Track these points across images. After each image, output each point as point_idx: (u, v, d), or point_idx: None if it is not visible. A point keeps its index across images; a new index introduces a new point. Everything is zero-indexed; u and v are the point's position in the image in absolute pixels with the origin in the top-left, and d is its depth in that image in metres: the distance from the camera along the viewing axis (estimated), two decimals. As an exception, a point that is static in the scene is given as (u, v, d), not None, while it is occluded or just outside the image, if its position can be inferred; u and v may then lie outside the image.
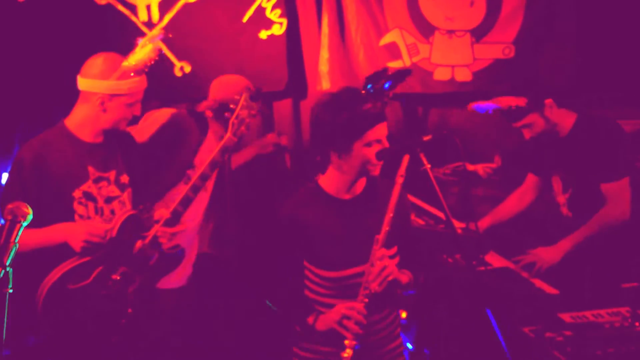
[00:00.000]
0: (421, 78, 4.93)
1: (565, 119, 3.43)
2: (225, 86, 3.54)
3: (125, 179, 2.90)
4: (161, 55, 2.83)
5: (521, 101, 3.33)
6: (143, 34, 4.35)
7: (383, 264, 2.34)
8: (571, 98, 4.14)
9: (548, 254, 3.36)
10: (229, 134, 2.94)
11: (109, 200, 2.85)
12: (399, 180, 2.33)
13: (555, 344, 2.62)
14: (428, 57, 4.92)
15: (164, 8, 4.42)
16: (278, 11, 4.62)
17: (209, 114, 3.49)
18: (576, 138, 3.40)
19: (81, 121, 2.80)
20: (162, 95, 4.25)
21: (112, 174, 2.86)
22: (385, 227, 2.33)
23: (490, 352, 2.82)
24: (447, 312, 3.18)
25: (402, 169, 2.33)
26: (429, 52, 4.91)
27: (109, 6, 4.32)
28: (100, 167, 2.83)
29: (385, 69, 2.69)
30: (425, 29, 4.88)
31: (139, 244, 2.82)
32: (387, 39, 4.85)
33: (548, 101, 3.37)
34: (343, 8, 4.76)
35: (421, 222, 3.65)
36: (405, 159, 2.34)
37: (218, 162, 2.95)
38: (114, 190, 2.87)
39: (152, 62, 2.79)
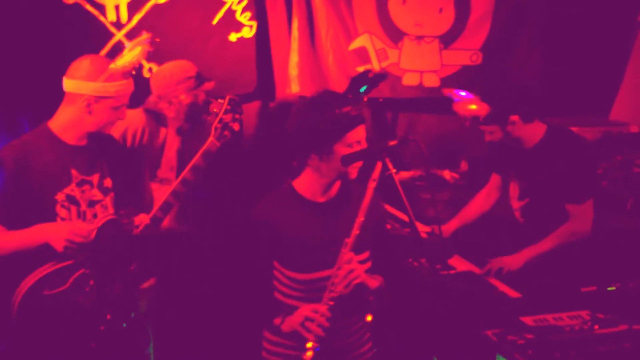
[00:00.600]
0: (390, 83, 4.97)
1: (532, 133, 3.39)
2: (166, 78, 3.42)
3: (108, 182, 2.85)
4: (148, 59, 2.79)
5: (483, 110, 3.32)
6: (111, 34, 4.38)
7: (350, 267, 2.35)
8: (537, 105, 4.20)
9: (509, 261, 3.39)
10: (211, 138, 2.93)
11: (91, 204, 2.79)
12: (371, 184, 2.34)
13: (517, 347, 2.65)
14: (397, 63, 4.97)
15: (133, 8, 4.38)
16: (248, 14, 4.62)
17: (169, 113, 3.43)
18: (542, 152, 3.39)
19: (65, 123, 2.74)
20: (130, 96, 4.21)
21: (95, 178, 2.81)
22: (355, 231, 2.34)
23: (451, 354, 2.87)
24: (411, 315, 3.20)
25: (375, 174, 2.33)
26: (397, 57, 4.96)
27: (76, 5, 4.26)
28: (84, 170, 2.77)
29: (368, 71, 2.70)
30: (395, 35, 4.93)
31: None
32: (356, 44, 4.89)
33: (513, 118, 3.32)
34: (313, 12, 4.78)
35: (387, 226, 3.67)
36: (378, 164, 2.35)
37: (200, 167, 2.92)
38: (96, 194, 2.81)
39: (138, 66, 2.76)
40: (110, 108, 2.72)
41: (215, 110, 2.99)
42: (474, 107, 3.32)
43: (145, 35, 2.81)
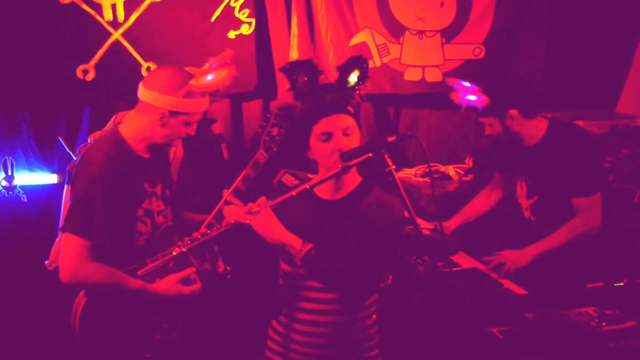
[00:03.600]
0: (392, 78, 4.92)
1: (533, 129, 3.35)
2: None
3: (167, 192, 2.82)
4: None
5: (483, 102, 3.28)
6: (108, 34, 4.35)
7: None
8: (541, 99, 4.15)
9: (516, 257, 3.34)
10: (260, 150, 3.07)
11: (158, 214, 2.77)
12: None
13: (522, 344, 2.61)
14: (398, 58, 4.91)
15: (129, 7, 4.35)
16: (247, 11, 4.58)
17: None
18: (546, 149, 3.35)
19: (136, 133, 2.65)
20: (129, 96, 4.18)
21: (158, 188, 2.77)
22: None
23: (459, 356, 2.82)
24: (415, 313, 3.16)
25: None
26: (399, 52, 4.90)
27: (72, 5, 4.23)
28: (152, 183, 2.73)
29: (355, 57, 2.63)
30: (396, 30, 4.88)
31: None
32: (357, 39, 4.83)
33: (512, 112, 3.28)
34: (312, 8, 4.73)
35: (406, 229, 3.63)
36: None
37: (250, 178, 3.01)
38: (161, 205, 2.78)
39: (219, 87, 2.63)
40: (183, 123, 2.64)
41: (264, 124, 3.13)
42: (472, 97, 3.28)
43: (228, 52, 2.69)
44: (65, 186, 3.51)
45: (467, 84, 3.37)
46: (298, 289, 2.45)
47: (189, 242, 2.40)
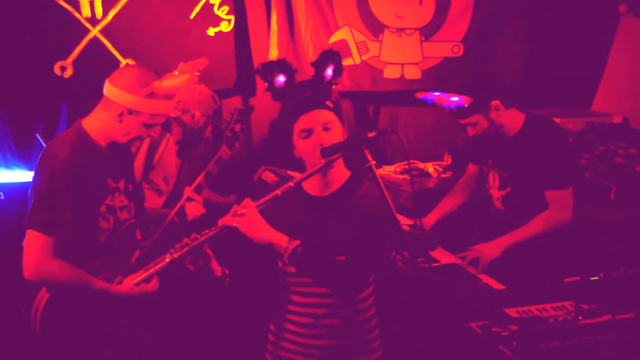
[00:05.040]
0: (371, 76, 4.95)
1: (513, 120, 3.39)
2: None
3: (130, 187, 2.80)
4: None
5: (465, 101, 3.31)
6: (86, 30, 4.32)
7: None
8: (519, 96, 4.19)
9: (487, 249, 3.39)
10: (224, 147, 3.03)
11: (121, 209, 2.75)
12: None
13: (501, 338, 2.63)
14: (378, 55, 4.94)
15: (108, 4, 4.33)
16: (226, 8, 4.58)
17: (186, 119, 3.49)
18: (523, 141, 3.39)
19: (99, 128, 2.64)
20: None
21: (121, 184, 2.75)
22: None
23: (438, 351, 2.84)
24: (395, 309, 3.18)
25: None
26: (378, 50, 4.93)
27: (50, 1, 4.20)
28: (114, 178, 2.71)
29: (328, 51, 2.63)
30: (375, 27, 4.90)
31: (137, 253, 2.78)
32: (336, 37, 4.85)
33: (494, 103, 3.32)
34: (292, 5, 4.74)
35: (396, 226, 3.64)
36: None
37: (212, 174, 2.99)
38: (124, 200, 2.76)
39: (179, 91, 2.63)
40: (141, 123, 2.61)
41: (226, 120, 3.11)
42: (455, 98, 3.32)
43: (201, 60, 2.70)
44: None
45: (437, 93, 3.42)
46: (297, 285, 2.45)
47: (179, 247, 2.39)
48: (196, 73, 2.67)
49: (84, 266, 2.60)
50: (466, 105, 3.30)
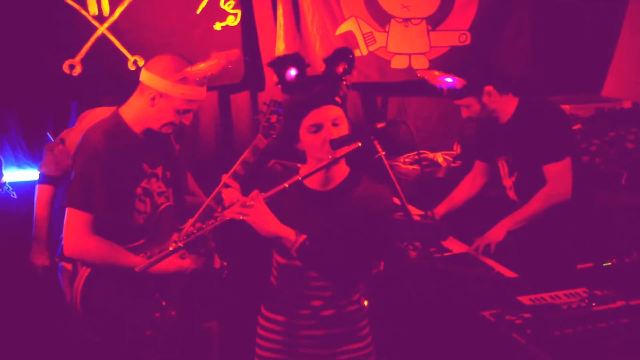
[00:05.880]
0: (379, 67, 4.94)
1: (507, 105, 3.43)
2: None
3: (168, 174, 2.91)
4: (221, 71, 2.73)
5: (458, 83, 3.34)
6: (94, 28, 4.33)
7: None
8: (527, 84, 4.18)
9: (492, 234, 3.42)
10: (259, 136, 3.11)
11: (159, 195, 2.86)
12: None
13: (514, 326, 2.64)
14: (385, 46, 4.92)
15: (114, 1, 4.32)
16: (232, 2, 4.57)
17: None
18: (517, 123, 3.42)
19: (133, 114, 2.77)
20: (115, 89, 4.18)
21: (159, 170, 2.86)
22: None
23: (451, 340, 2.85)
24: (408, 299, 3.19)
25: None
26: (385, 40, 4.91)
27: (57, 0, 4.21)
28: (151, 164, 2.83)
29: (343, 49, 2.64)
30: (381, 18, 4.89)
31: (174, 236, 2.84)
32: (343, 29, 4.84)
33: (487, 88, 3.36)
34: (298, -2, 4.73)
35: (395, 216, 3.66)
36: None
37: (249, 162, 3.04)
38: (162, 186, 2.87)
39: (209, 76, 2.70)
40: (174, 109, 2.72)
41: (262, 111, 3.20)
42: (449, 79, 3.35)
43: (234, 51, 2.78)
44: (37, 186, 3.52)
45: (436, 72, 3.44)
46: (293, 279, 2.47)
47: (184, 236, 2.43)
48: (223, 60, 2.73)
49: (123, 246, 2.71)
50: (458, 88, 3.34)
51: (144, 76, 2.73)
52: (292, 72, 2.52)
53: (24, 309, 4.10)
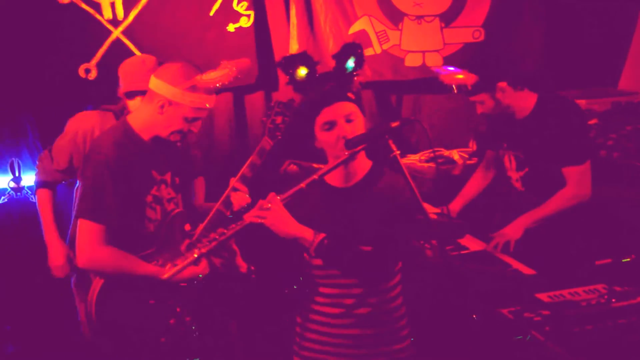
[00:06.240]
0: (392, 65, 4.93)
1: (524, 101, 3.41)
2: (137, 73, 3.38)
3: (177, 180, 2.89)
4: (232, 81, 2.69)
5: (470, 79, 3.33)
6: (108, 32, 4.36)
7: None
8: (541, 79, 4.15)
9: (509, 231, 3.40)
10: (265, 138, 3.13)
11: (169, 201, 2.84)
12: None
13: (533, 324, 2.62)
14: (398, 44, 4.92)
15: (128, 5, 4.36)
16: (245, 4, 4.59)
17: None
18: (536, 120, 3.40)
19: (142, 122, 2.75)
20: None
21: (168, 176, 2.84)
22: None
23: (468, 336, 2.84)
24: (428, 297, 3.18)
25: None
26: (398, 38, 4.91)
27: (72, 5, 4.25)
28: (160, 170, 2.80)
29: (351, 44, 2.64)
30: (394, 16, 4.88)
31: (186, 242, 2.83)
32: (356, 27, 4.84)
33: (501, 84, 3.34)
34: (310, -2, 4.74)
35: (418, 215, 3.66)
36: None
37: (256, 165, 3.06)
38: (171, 192, 2.84)
39: (220, 86, 2.67)
40: (183, 117, 2.69)
41: (268, 112, 3.20)
42: (460, 76, 3.33)
43: (243, 60, 2.75)
44: (36, 191, 3.58)
45: (451, 68, 3.44)
46: (323, 277, 2.47)
47: (207, 243, 2.43)
48: (234, 69, 2.69)
49: (135, 254, 2.69)
50: (470, 84, 3.32)
51: (153, 83, 2.70)
52: (302, 72, 2.52)
53: (45, 312, 4.15)
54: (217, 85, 2.66)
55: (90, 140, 3.34)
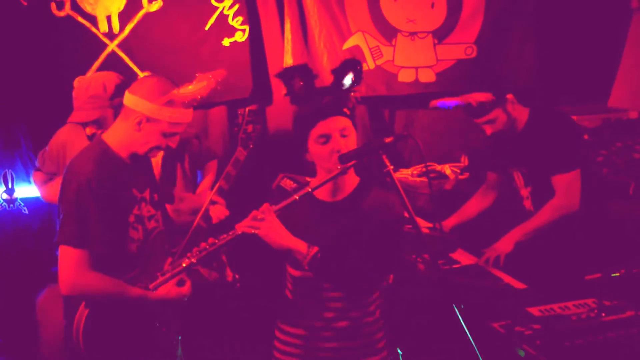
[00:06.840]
0: (386, 80, 4.96)
1: (521, 114, 3.47)
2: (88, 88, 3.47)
3: (155, 197, 2.82)
4: (210, 93, 2.63)
5: (487, 96, 3.36)
6: (104, 45, 4.39)
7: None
8: (532, 96, 4.19)
9: (500, 245, 3.43)
10: (239, 148, 3.12)
11: (149, 219, 2.77)
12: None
13: (524, 337, 2.64)
14: (392, 60, 4.96)
15: (124, 18, 4.39)
16: (240, 18, 4.62)
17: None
18: (530, 133, 3.45)
19: (119, 139, 2.65)
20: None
21: (147, 193, 2.77)
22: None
23: (459, 349, 2.85)
24: (417, 311, 3.19)
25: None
26: (392, 54, 4.95)
27: (68, 18, 4.28)
28: (139, 188, 2.72)
29: (350, 60, 2.67)
30: (388, 32, 4.92)
31: (168, 260, 2.80)
32: (350, 43, 4.88)
33: (509, 96, 3.41)
34: (305, 13, 4.77)
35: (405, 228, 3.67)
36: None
37: (231, 175, 3.07)
38: (150, 210, 2.78)
39: (199, 99, 2.61)
40: (160, 132, 2.61)
41: (238, 122, 3.18)
42: (479, 97, 3.37)
43: (219, 72, 2.70)
44: (32, 174, 3.67)
45: (446, 100, 3.46)
46: (307, 291, 2.49)
47: (197, 252, 2.41)
48: (212, 81, 2.64)
49: (119, 278, 2.62)
50: (490, 100, 3.34)
51: (129, 100, 2.60)
52: (300, 83, 2.55)
53: (37, 325, 4.12)
54: (197, 97, 2.60)
55: (63, 155, 3.31)
